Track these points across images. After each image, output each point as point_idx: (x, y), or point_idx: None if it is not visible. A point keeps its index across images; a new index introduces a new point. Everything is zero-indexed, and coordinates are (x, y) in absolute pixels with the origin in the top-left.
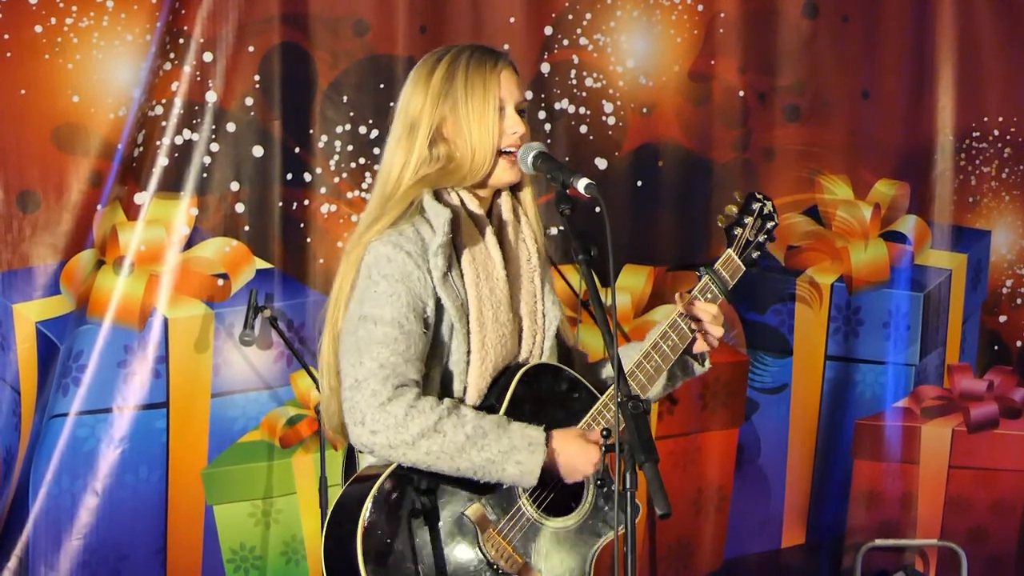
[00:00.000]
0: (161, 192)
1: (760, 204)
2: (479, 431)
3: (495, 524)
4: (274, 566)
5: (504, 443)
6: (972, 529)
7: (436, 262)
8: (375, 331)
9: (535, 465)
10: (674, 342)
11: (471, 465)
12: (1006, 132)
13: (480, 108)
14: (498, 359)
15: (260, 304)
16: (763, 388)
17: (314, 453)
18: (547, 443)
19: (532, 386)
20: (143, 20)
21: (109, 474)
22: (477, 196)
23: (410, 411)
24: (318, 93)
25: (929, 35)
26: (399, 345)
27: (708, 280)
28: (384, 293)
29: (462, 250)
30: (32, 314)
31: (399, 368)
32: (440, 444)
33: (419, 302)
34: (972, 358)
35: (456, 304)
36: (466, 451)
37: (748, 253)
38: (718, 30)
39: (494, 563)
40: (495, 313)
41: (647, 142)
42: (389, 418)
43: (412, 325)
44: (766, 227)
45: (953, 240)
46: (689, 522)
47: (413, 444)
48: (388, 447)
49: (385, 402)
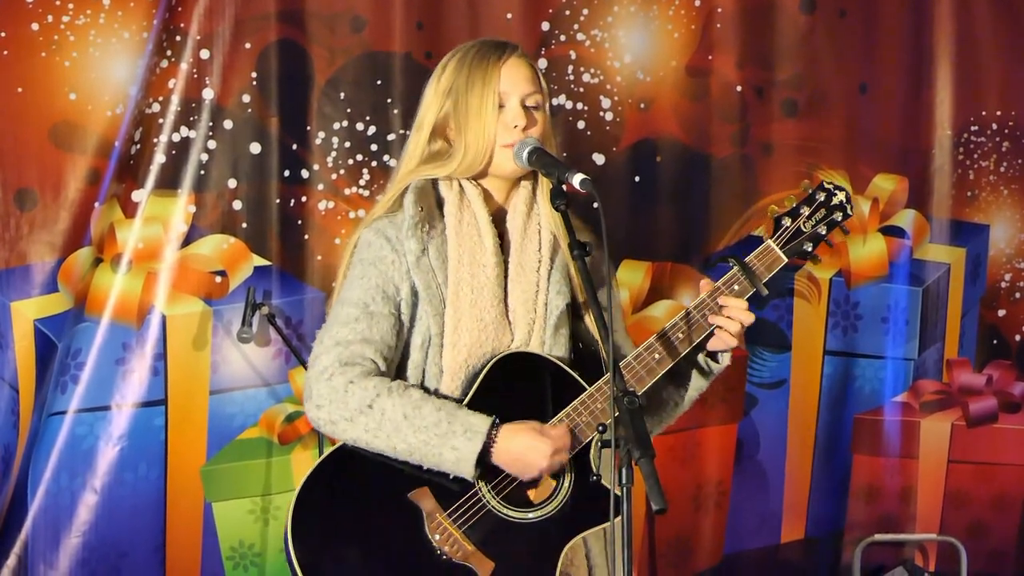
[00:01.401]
0: (159, 189)
1: (827, 194)
2: (419, 412)
3: (444, 509)
4: (273, 563)
5: (443, 427)
6: (971, 524)
7: (409, 245)
8: (340, 312)
9: (471, 453)
10: (685, 334)
11: (407, 446)
12: (1004, 126)
13: (478, 102)
14: (474, 343)
15: (258, 301)
16: (762, 383)
17: (313, 450)
18: (491, 433)
19: (506, 374)
20: (140, 17)
21: (108, 472)
22: (484, 187)
23: (350, 386)
24: (315, 90)
25: (927, 29)
26: (359, 324)
27: (737, 271)
28: (356, 276)
29: (451, 234)
30: (30, 312)
31: (353, 347)
32: (378, 421)
33: (391, 285)
34: (971, 352)
35: (429, 286)
36: (402, 431)
37: (798, 244)
38: (715, 25)
39: (438, 548)
40: (474, 298)
41: (645, 137)
42: (332, 392)
43: (378, 307)
44: (831, 218)
45: (952, 234)
46: (688, 518)
47: (351, 420)
48: (330, 422)
49: (330, 377)
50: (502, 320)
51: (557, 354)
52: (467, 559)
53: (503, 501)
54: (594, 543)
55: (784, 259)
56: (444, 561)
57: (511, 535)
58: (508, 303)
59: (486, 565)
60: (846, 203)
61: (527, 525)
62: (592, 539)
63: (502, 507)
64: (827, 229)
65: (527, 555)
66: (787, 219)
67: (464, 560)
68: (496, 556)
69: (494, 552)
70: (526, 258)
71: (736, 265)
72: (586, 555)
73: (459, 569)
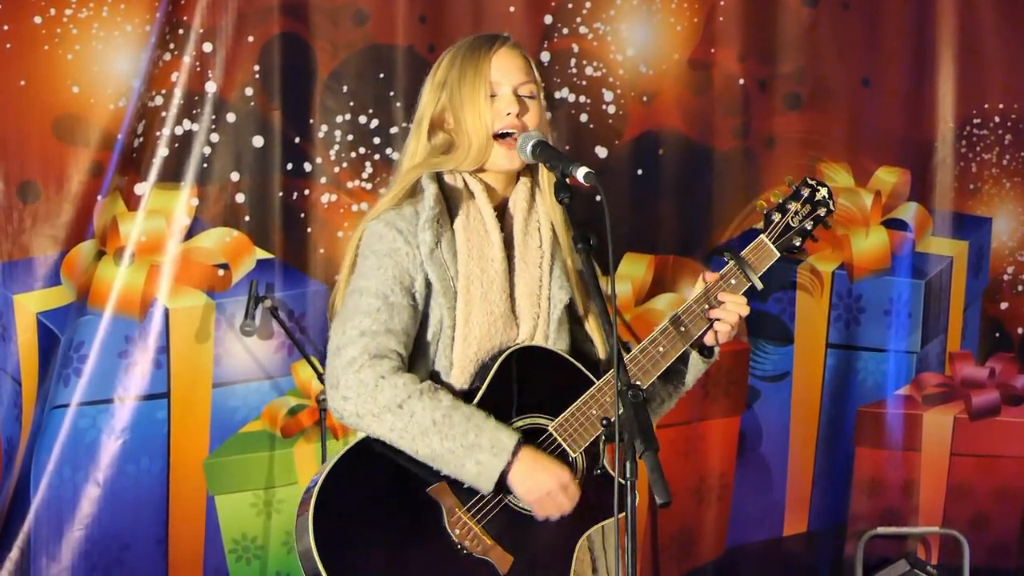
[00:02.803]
0: (161, 182)
1: (811, 190)
2: (448, 419)
3: (463, 504)
4: (276, 556)
5: (470, 438)
6: (974, 516)
7: (424, 237)
8: (360, 301)
9: (494, 470)
10: (687, 328)
11: (431, 452)
12: (1007, 119)
13: (471, 93)
14: (484, 338)
15: (261, 294)
16: (764, 376)
17: (315, 443)
18: (515, 451)
19: (518, 368)
20: (143, 10)
21: (110, 465)
22: (486, 182)
23: (380, 382)
24: (318, 83)
25: (929, 22)
26: (381, 315)
27: (733, 265)
28: (372, 267)
29: (459, 229)
30: (33, 305)
31: (379, 337)
32: (405, 422)
33: (407, 276)
34: (973, 345)
35: (443, 279)
36: (429, 436)
37: (787, 239)
38: (718, 18)
39: (458, 543)
40: (485, 292)
41: (647, 130)
42: (361, 385)
43: (397, 297)
44: (816, 213)
45: (954, 227)
46: (691, 511)
47: (378, 416)
48: (356, 415)
49: (359, 369)
50: (509, 314)
51: (560, 348)
52: (487, 553)
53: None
54: (596, 536)
55: (777, 254)
56: (465, 556)
57: (528, 529)
58: (514, 297)
59: (505, 559)
60: (829, 199)
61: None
62: (594, 532)
63: (518, 501)
64: (813, 224)
65: (543, 549)
66: (776, 214)
67: (484, 555)
68: (514, 550)
69: (512, 546)
70: (529, 253)
71: (732, 260)
72: (589, 548)
73: (479, 564)
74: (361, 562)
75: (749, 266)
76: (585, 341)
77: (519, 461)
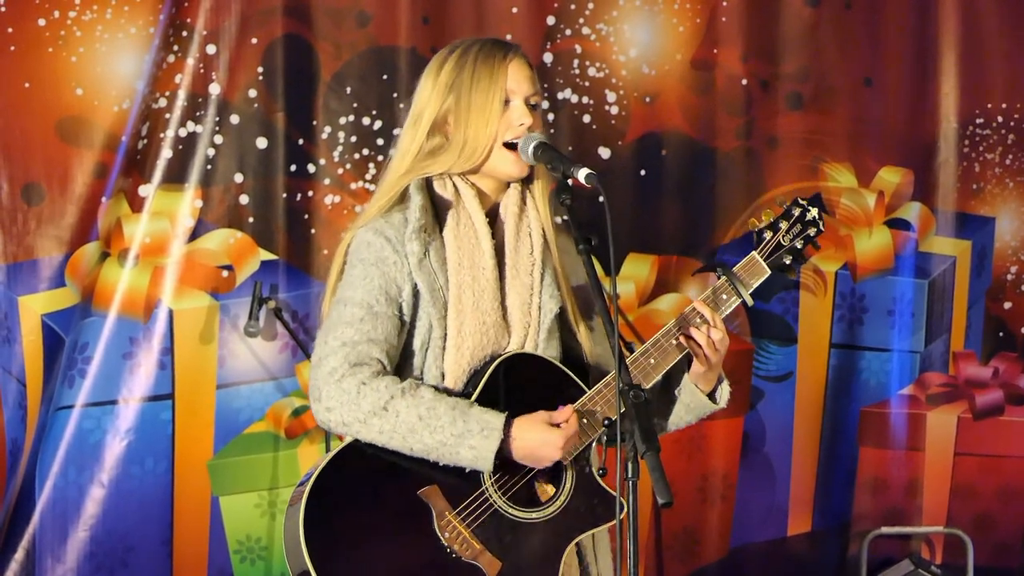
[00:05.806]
0: (165, 184)
1: (801, 210)
2: (433, 413)
3: (453, 508)
4: (280, 557)
5: (459, 426)
6: (978, 516)
7: (412, 247)
8: (344, 312)
9: (489, 451)
10: (678, 341)
11: (423, 446)
12: (1010, 119)
13: (483, 98)
14: (476, 346)
15: (265, 295)
16: (768, 376)
17: (319, 444)
18: (506, 429)
19: (510, 375)
20: (146, 13)
21: (115, 466)
22: (478, 187)
23: (362, 388)
24: (321, 84)
25: (932, 22)
26: (364, 325)
27: (725, 281)
28: (358, 276)
29: (449, 237)
30: (37, 306)
31: (360, 347)
32: (392, 424)
33: (394, 286)
34: (977, 345)
35: (433, 288)
36: (418, 432)
37: (778, 257)
38: (720, 18)
39: (447, 547)
40: (476, 301)
41: (650, 131)
42: (343, 395)
43: (382, 307)
44: (805, 233)
45: (957, 227)
46: (695, 511)
47: (365, 422)
48: (342, 424)
49: (340, 379)
50: (501, 323)
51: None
52: (475, 558)
53: (509, 501)
54: (587, 542)
55: (768, 271)
56: (453, 560)
57: (517, 534)
58: (505, 305)
59: (493, 564)
60: (818, 219)
61: (532, 525)
62: (584, 539)
63: (508, 507)
64: (803, 244)
65: (532, 555)
66: (768, 232)
67: (473, 559)
68: (503, 555)
69: (501, 551)
70: (520, 260)
71: (724, 275)
72: (580, 555)
73: (468, 568)
74: (348, 561)
75: (740, 282)
76: (574, 348)
77: (514, 434)
